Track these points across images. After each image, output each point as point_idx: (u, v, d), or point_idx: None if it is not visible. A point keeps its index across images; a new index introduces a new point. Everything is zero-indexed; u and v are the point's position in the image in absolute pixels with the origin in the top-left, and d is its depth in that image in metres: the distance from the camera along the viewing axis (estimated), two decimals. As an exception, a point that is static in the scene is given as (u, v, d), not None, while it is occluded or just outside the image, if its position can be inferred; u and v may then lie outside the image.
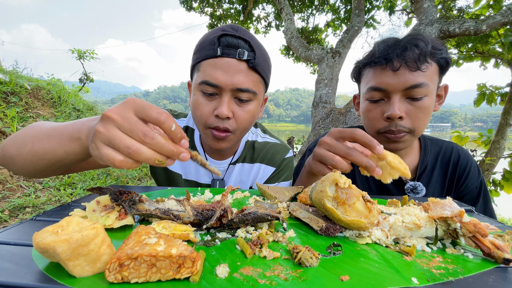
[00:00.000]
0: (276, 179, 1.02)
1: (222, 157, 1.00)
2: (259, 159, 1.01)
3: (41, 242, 0.29)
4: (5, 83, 3.48)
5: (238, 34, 0.76)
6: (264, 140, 1.05)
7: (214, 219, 0.44)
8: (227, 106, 0.76)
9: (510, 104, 3.10)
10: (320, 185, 0.47)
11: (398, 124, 0.81)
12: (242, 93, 0.77)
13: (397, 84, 0.79)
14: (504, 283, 0.34)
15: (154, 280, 0.31)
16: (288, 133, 8.47)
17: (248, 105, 0.80)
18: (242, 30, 0.79)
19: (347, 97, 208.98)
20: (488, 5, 3.72)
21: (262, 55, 0.80)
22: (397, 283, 0.33)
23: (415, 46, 0.78)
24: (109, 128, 0.42)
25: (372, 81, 0.84)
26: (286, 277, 0.33)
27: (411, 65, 0.77)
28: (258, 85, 0.81)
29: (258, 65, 0.77)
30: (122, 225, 0.46)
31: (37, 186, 2.89)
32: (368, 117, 0.88)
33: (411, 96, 0.80)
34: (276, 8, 6.36)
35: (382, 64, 0.81)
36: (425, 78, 0.78)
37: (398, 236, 0.45)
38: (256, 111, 0.84)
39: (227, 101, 0.76)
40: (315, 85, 4.11)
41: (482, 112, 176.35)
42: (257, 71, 0.79)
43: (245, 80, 0.76)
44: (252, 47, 0.77)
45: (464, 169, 0.96)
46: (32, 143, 0.60)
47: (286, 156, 1.03)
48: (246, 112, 0.80)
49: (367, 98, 0.87)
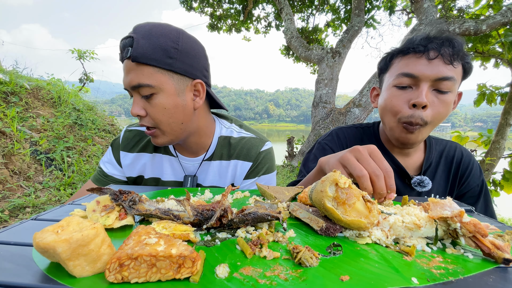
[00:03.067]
0: (255, 174, 0.99)
1: (194, 155, 1.00)
2: (235, 155, 0.99)
3: (41, 242, 0.29)
4: (5, 83, 3.48)
5: (128, 34, 0.78)
6: (239, 135, 1.02)
7: (214, 219, 0.44)
8: (136, 105, 0.80)
9: (510, 104, 3.10)
10: (320, 185, 0.47)
11: (420, 114, 0.83)
12: (140, 89, 0.78)
13: (430, 73, 0.82)
14: (504, 283, 0.34)
15: (154, 280, 0.31)
16: (288, 133, 8.50)
17: (153, 99, 0.79)
18: (137, 27, 0.78)
19: (347, 97, 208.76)
20: (488, 5, 3.72)
21: (151, 43, 0.75)
22: (397, 283, 0.33)
23: (451, 43, 0.83)
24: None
25: (404, 68, 0.87)
26: (286, 277, 0.33)
27: (446, 58, 0.81)
28: (154, 75, 0.76)
29: (140, 57, 0.74)
30: (122, 225, 0.46)
31: (37, 186, 2.89)
32: (392, 103, 0.89)
33: (438, 88, 0.83)
34: (276, 8, 6.36)
35: (419, 52, 0.84)
36: (454, 74, 0.82)
37: (398, 236, 0.45)
38: (169, 103, 0.80)
39: (135, 101, 0.81)
40: (315, 85, 4.11)
41: (482, 112, 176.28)
42: (144, 63, 0.75)
43: (135, 76, 0.77)
44: (133, 39, 0.75)
45: (467, 168, 0.99)
46: None
47: (262, 149, 1.00)
48: (154, 107, 0.80)
49: (395, 84, 0.89)
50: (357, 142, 1.06)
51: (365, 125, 1.13)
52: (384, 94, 0.94)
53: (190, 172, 1.00)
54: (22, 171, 2.93)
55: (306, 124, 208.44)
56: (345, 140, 1.08)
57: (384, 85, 0.96)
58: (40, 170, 3.14)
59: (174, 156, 1.00)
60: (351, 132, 1.10)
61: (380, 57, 1.02)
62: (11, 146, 2.93)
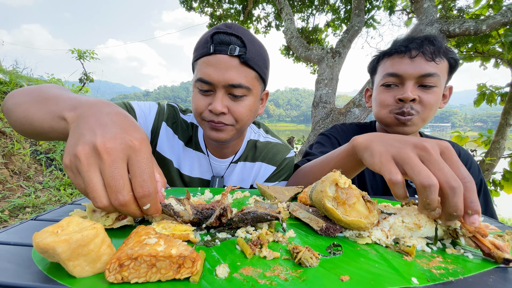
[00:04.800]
0: (276, 178, 1.02)
1: (224, 156, 1.01)
2: (260, 158, 1.02)
3: (41, 242, 0.29)
4: (5, 83, 3.48)
5: (230, 31, 0.77)
6: (266, 140, 1.06)
7: (214, 217, 0.44)
8: (221, 102, 0.78)
9: (510, 104, 3.10)
10: (320, 185, 0.47)
11: (410, 105, 0.88)
12: (236, 89, 0.78)
13: (413, 71, 0.87)
14: (504, 283, 0.34)
15: (154, 280, 0.31)
16: (288, 133, 8.48)
17: (243, 101, 0.81)
18: (235, 27, 0.80)
19: (347, 97, 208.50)
20: (488, 5, 3.72)
21: (256, 50, 0.80)
22: (397, 283, 0.33)
23: (432, 42, 0.88)
24: (90, 166, 0.38)
25: (389, 68, 0.92)
26: (286, 277, 0.33)
27: (427, 56, 0.86)
28: (253, 80, 0.81)
29: (250, 60, 0.78)
30: (122, 225, 0.46)
31: (37, 186, 2.89)
32: (381, 100, 0.95)
33: (423, 83, 0.88)
34: (276, 8, 6.36)
35: (401, 53, 0.90)
36: (437, 70, 0.87)
37: (398, 236, 0.45)
38: (254, 106, 0.85)
39: (220, 97, 0.78)
40: (315, 85, 4.10)
41: (482, 112, 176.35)
42: (250, 66, 0.79)
43: (237, 75, 0.77)
44: (244, 42, 0.77)
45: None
46: (30, 103, 0.56)
47: (287, 156, 1.04)
48: (242, 107, 0.81)
49: (382, 84, 0.94)
50: None
51: (363, 124, 1.17)
52: (374, 93, 1.01)
53: (217, 172, 1.01)
54: (22, 171, 2.93)
55: (306, 124, 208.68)
56: (349, 133, 1.11)
57: (374, 85, 1.02)
58: (40, 170, 3.14)
59: (204, 154, 1.01)
60: (351, 129, 1.14)
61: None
62: (11, 146, 2.93)
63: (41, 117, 0.53)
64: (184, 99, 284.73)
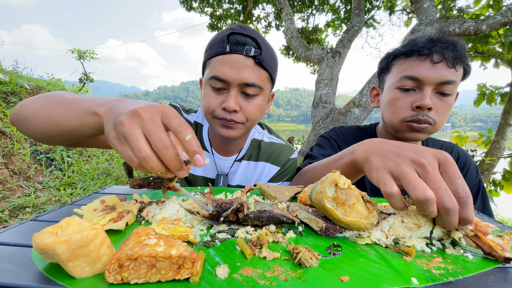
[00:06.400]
0: (279, 179, 1.03)
1: (228, 154, 1.02)
2: (264, 158, 1.04)
3: (40, 243, 0.29)
4: (5, 83, 3.48)
5: (246, 33, 0.80)
6: (270, 140, 1.07)
7: (231, 210, 0.46)
8: (234, 100, 0.80)
9: (510, 104, 3.10)
10: (319, 186, 0.47)
11: (426, 114, 0.84)
12: (249, 88, 0.81)
13: (434, 76, 0.82)
14: (504, 283, 0.34)
15: (154, 281, 0.31)
16: (288, 133, 8.50)
17: (255, 100, 0.84)
18: (250, 29, 0.83)
19: (347, 97, 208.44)
20: (488, 5, 3.72)
21: (269, 52, 0.83)
22: (397, 283, 0.33)
23: (454, 47, 0.83)
24: (133, 126, 0.43)
25: (408, 70, 0.87)
26: (286, 278, 0.33)
27: (449, 62, 0.82)
28: (265, 80, 0.84)
29: (264, 61, 0.81)
30: (119, 228, 0.45)
31: (37, 186, 2.89)
32: (396, 105, 0.90)
33: (441, 91, 0.84)
34: (276, 8, 6.36)
35: (423, 55, 0.84)
36: (456, 78, 0.84)
37: (398, 237, 0.45)
38: (263, 105, 0.88)
39: (234, 95, 0.80)
40: (315, 85, 4.10)
41: (482, 112, 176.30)
42: (264, 67, 0.82)
43: (251, 75, 0.80)
44: (259, 44, 0.80)
45: (463, 168, 1.00)
46: (52, 108, 0.60)
47: (291, 157, 1.05)
48: (253, 106, 0.84)
49: (398, 87, 0.89)
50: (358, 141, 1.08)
51: (363, 127, 1.15)
52: (386, 95, 0.95)
53: (222, 171, 1.02)
54: (22, 171, 2.93)
55: (306, 124, 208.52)
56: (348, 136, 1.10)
57: (386, 85, 0.97)
58: (40, 170, 3.14)
59: (209, 152, 1.02)
60: (351, 131, 1.12)
61: (381, 57, 1.03)
62: (11, 146, 2.93)
63: (69, 116, 0.57)
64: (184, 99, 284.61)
